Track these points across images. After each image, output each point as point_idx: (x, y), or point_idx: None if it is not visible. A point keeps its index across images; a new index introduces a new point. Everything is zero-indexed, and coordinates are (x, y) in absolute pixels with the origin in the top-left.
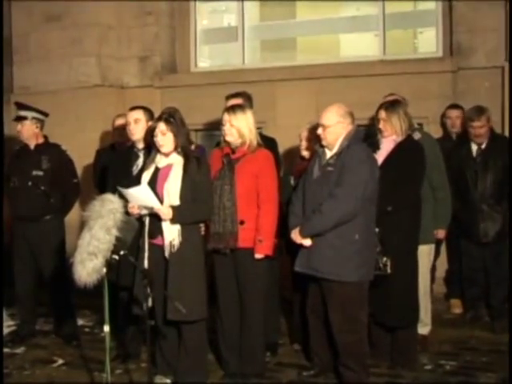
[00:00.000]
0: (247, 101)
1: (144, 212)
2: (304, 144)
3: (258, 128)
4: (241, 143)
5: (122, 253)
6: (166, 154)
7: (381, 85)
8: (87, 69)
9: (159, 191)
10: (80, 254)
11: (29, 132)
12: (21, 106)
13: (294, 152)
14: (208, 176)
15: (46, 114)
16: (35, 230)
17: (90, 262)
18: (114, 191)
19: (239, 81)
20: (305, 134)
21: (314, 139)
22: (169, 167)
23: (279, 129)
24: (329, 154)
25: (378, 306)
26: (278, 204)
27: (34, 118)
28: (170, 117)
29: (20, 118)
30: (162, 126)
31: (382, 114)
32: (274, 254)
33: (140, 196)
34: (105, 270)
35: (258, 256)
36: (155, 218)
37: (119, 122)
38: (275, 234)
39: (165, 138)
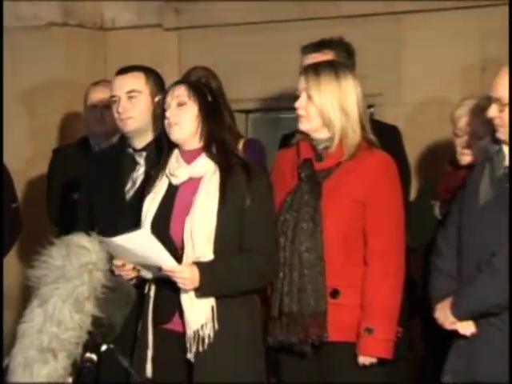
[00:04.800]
0: (344, 56)
1: (146, 274)
2: (462, 138)
3: (368, 107)
4: (330, 139)
5: (103, 348)
6: (188, 157)
7: None
8: None
9: (175, 231)
10: (23, 351)
11: None
12: None
13: (438, 153)
14: (268, 201)
15: None
16: None
17: (42, 365)
18: (90, 229)
19: (327, 15)
20: (464, 118)
21: (483, 128)
22: (193, 184)
23: (407, 108)
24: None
25: None
26: (403, 256)
27: None
28: (200, 82)
29: None
30: (180, 89)
31: None
32: (396, 355)
33: (138, 248)
34: (71, 380)
35: (364, 360)
36: (167, 284)
37: (97, 95)
38: (399, 314)
39: (182, 111)
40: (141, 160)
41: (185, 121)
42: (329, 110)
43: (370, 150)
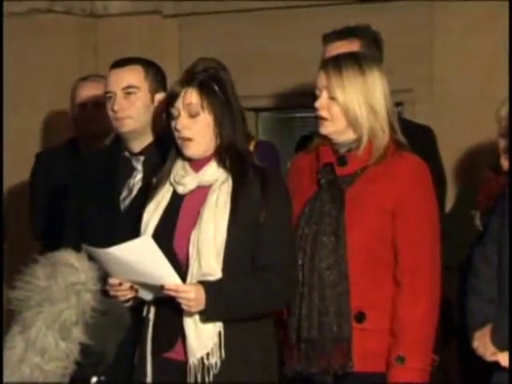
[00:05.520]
0: (372, 46)
1: (144, 295)
2: (504, 140)
3: (397, 105)
4: (356, 140)
5: (94, 381)
6: (197, 164)
7: None
8: None
9: (179, 246)
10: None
11: None
12: None
13: (477, 157)
14: (286, 213)
15: None
16: None
17: None
18: (79, 245)
19: (350, 1)
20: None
21: None
22: (202, 193)
23: (441, 105)
24: None
25: None
26: (439, 274)
27: None
28: (212, 79)
29: None
30: (192, 96)
31: None
32: None
33: (136, 262)
34: None
35: None
36: (169, 306)
37: (87, 92)
38: (434, 340)
39: (195, 124)
40: (138, 165)
41: (199, 135)
42: (355, 108)
43: (400, 153)
